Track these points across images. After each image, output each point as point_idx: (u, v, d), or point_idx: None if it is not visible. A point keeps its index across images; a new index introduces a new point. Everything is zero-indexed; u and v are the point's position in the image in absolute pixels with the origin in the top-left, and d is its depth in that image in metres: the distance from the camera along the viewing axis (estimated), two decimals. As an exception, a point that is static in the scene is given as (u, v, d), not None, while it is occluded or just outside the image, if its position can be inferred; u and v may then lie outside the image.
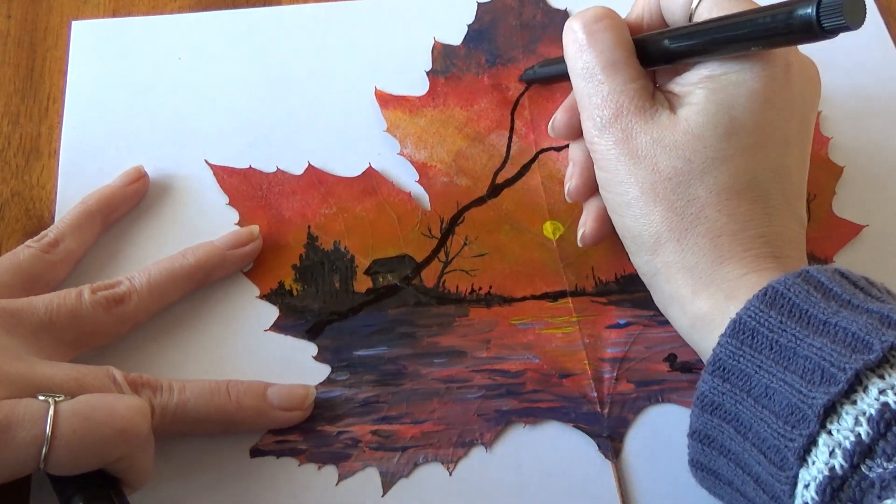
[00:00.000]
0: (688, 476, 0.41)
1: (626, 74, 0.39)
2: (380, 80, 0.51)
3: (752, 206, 0.37)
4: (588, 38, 0.39)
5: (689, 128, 0.37)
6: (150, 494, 0.39)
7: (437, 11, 0.54)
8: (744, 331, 0.33)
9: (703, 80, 0.38)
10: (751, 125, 0.37)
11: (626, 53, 0.39)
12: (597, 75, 0.39)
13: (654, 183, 0.37)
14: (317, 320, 0.45)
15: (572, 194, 0.44)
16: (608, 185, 0.39)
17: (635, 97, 0.38)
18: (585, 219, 0.44)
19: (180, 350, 0.44)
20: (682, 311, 0.38)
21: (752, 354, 0.33)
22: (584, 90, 0.40)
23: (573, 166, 0.44)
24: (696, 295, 0.37)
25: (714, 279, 0.36)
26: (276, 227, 0.47)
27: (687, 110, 0.38)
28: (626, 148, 0.38)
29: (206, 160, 0.49)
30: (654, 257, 0.38)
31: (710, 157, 0.37)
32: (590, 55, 0.39)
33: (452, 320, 0.45)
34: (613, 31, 0.39)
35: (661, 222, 0.37)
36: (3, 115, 0.51)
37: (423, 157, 0.49)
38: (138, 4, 0.55)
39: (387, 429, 0.42)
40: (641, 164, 0.38)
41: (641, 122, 0.38)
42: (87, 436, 0.34)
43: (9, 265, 0.41)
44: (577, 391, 0.43)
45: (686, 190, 0.37)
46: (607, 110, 0.39)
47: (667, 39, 0.39)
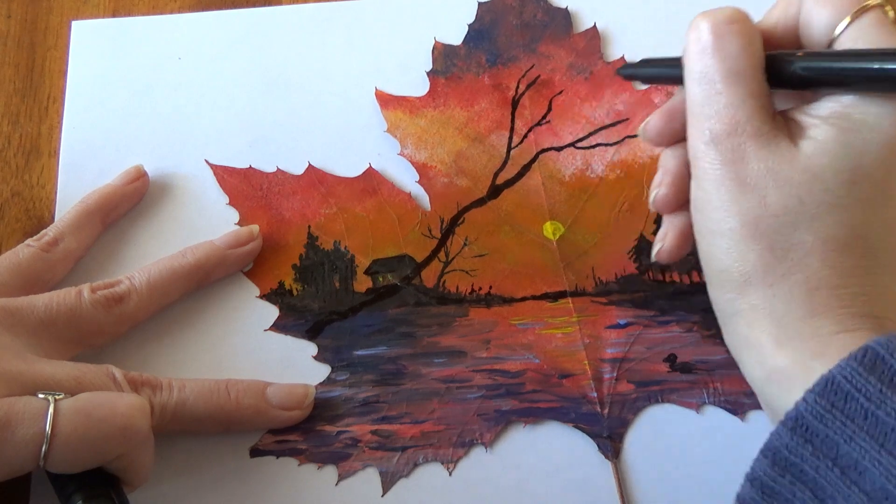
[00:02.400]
0: (687, 476, 0.41)
1: (750, 88, 0.35)
2: (380, 80, 0.51)
3: (859, 262, 0.34)
4: (715, 40, 0.35)
5: (809, 165, 0.33)
6: (150, 493, 0.39)
7: (438, 11, 0.54)
8: (836, 391, 0.30)
9: (834, 116, 0.34)
10: (877, 176, 0.34)
11: (753, 65, 0.35)
12: (716, 83, 0.35)
13: (758, 217, 0.34)
14: (317, 320, 0.45)
15: (658, 204, 0.39)
16: (704, 207, 0.36)
17: (754, 116, 0.34)
18: (666, 233, 0.40)
19: (180, 350, 0.44)
20: (758, 360, 0.34)
21: (842, 421, 0.30)
22: (698, 97, 0.36)
23: (664, 174, 0.39)
24: (778, 346, 0.33)
25: (802, 333, 0.33)
26: (276, 226, 0.47)
27: (810, 145, 0.34)
28: (735, 171, 0.34)
29: (206, 160, 0.49)
30: (739, 297, 0.35)
31: (825, 201, 0.33)
32: (712, 60, 0.35)
33: (452, 320, 0.45)
34: (744, 38, 0.35)
35: (756, 261, 0.34)
36: (3, 115, 0.51)
37: (424, 158, 0.49)
38: (138, 4, 0.55)
39: (387, 429, 0.42)
40: (748, 194, 0.34)
41: (757, 145, 0.34)
42: (87, 434, 0.34)
43: (8, 264, 0.41)
44: (577, 391, 0.43)
45: (792, 232, 0.34)
46: (721, 124, 0.35)
47: (805, 61, 0.35)
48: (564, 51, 0.52)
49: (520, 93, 0.51)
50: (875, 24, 0.34)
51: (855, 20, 0.34)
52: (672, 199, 0.39)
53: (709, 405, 0.43)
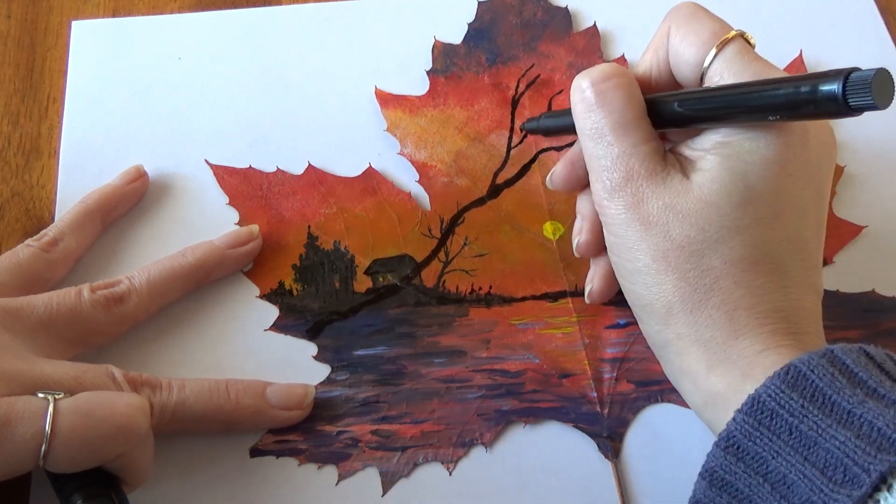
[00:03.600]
0: (687, 476, 0.41)
1: (637, 136, 0.37)
2: (380, 79, 0.51)
3: (769, 279, 0.36)
4: (597, 97, 0.37)
5: (702, 195, 0.36)
6: (150, 493, 0.39)
7: (438, 10, 0.54)
8: (762, 410, 0.32)
9: (716, 147, 0.36)
10: (767, 194, 0.36)
11: (637, 114, 0.37)
12: (606, 136, 0.37)
13: (665, 251, 0.36)
14: (317, 320, 0.45)
15: (581, 250, 0.42)
16: (618, 250, 0.38)
17: (646, 160, 0.37)
18: (593, 276, 0.43)
19: (180, 349, 0.44)
20: (694, 387, 0.36)
21: (769, 437, 0.31)
22: (593, 151, 0.38)
23: (582, 221, 0.42)
24: (710, 371, 0.35)
25: (729, 355, 0.35)
26: (276, 226, 0.47)
27: (700, 177, 0.36)
28: (637, 213, 0.36)
29: (206, 160, 0.49)
30: (666, 328, 0.37)
31: (724, 226, 0.35)
32: (599, 115, 0.37)
33: (452, 320, 0.45)
34: (624, 90, 0.37)
35: (673, 292, 0.36)
36: (3, 115, 0.51)
37: (423, 157, 0.49)
38: (138, 4, 0.55)
39: (387, 429, 0.42)
40: (653, 231, 0.36)
41: (653, 186, 0.36)
42: (87, 433, 0.34)
43: (8, 264, 0.41)
44: (577, 391, 0.43)
45: (700, 260, 0.35)
46: (617, 173, 0.37)
47: (680, 103, 0.37)
48: (564, 50, 0.52)
49: (520, 92, 0.51)
50: (738, 54, 0.37)
51: (719, 52, 0.37)
52: (593, 244, 0.42)
53: (709, 405, 0.43)
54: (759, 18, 0.54)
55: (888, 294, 0.46)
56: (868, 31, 0.54)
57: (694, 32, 0.38)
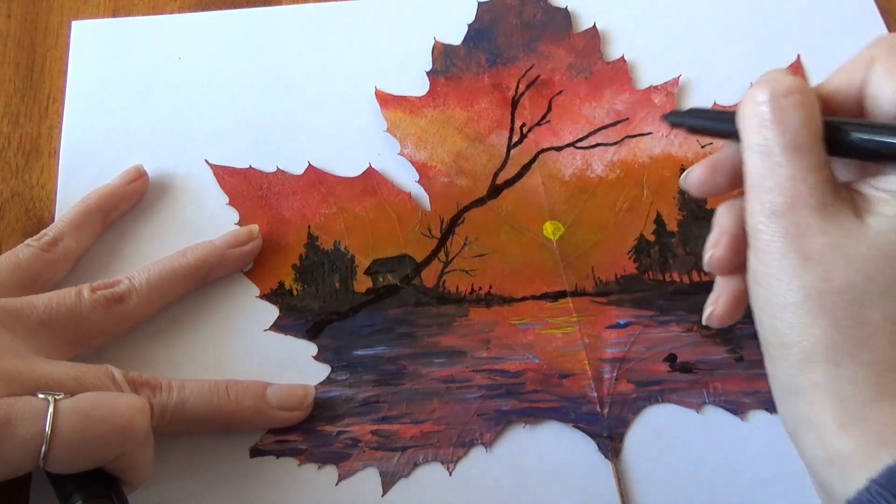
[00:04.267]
0: (687, 476, 0.41)
1: (810, 162, 0.33)
2: (380, 80, 0.51)
3: None
4: (774, 113, 0.34)
5: (876, 242, 0.32)
6: (150, 494, 0.39)
7: (437, 11, 0.54)
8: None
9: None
10: None
11: (814, 137, 0.34)
12: (776, 156, 0.34)
13: (822, 292, 0.33)
14: (317, 320, 0.45)
15: (713, 266, 0.38)
16: (764, 279, 0.34)
17: (817, 189, 0.33)
18: (718, 297, 0.39)
19: (180, 350, 0.44)
20: (818, 442, 0.33)
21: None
22: (758, 168, 0.34)
23: (720, 234, 0.38)
24: (841, 429, 0.32)
25: (868, 416, 0.32)
26: (276, 226, 0.47)
27: (877, 221, 0.33)
28: (798, 245, 0.33)
29: (206, 160, 0.49)
30: (801, 374, 0.33)
31: (894, 280, 0.32)
32: (772, 133, 0.34)
33: (452, 320, 0.45)
34: (804, 110, 0.34)
35: (820, 338, 0.33)
36: (3, 115, 0.51)
37: (423, 158, 0.49)
38: (138, 4, 0.55)
39: (387, 429, 0.42)
40: (812, 268, 0.33)
41: (821, 219, 0.33)
42: (87, 434, 0.34)
43: (8, 264, 0.41)
44: (577, 391, 0.43)
45: (858, 310, 0.32)
46: (783, 196, 0.33)
47: (870, 133, 0.33)
48: (564, 51, 0.52)
49: (520, 92, 0.51)
50: None
51: None
52: (728, 262, 0.38)
53: (709, 405, 0.43)
54: (759, 18, 0.54)
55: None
56: (868, 32, 0.54)
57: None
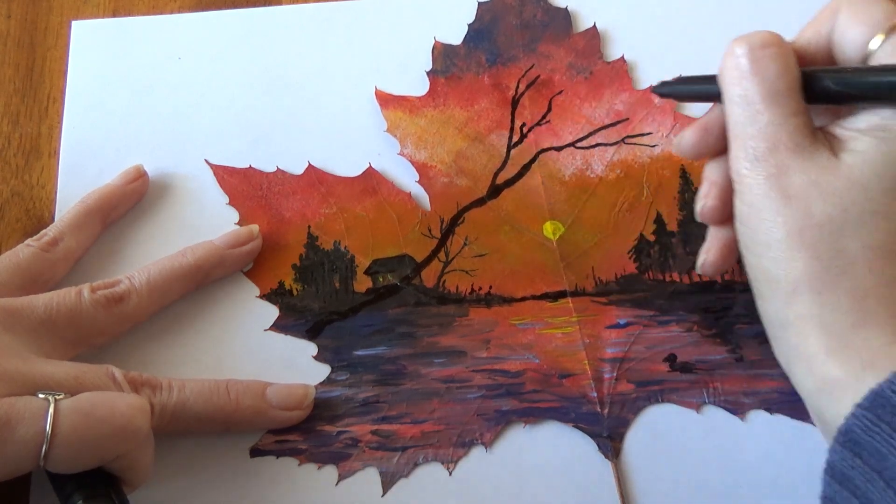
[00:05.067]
0: (687, 476, 0.41)
1: (788, 108, 0.36)
2: (380, 80, 0.51)
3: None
4: (752, 64, 0.36)
5: (851, 175, 0.34)
6: (150, 493, 0.39)
7: (437, 11, 0.54)
8: (884, 405, 0.31)
9: (874, 129, 0.35)
10: None
11: (790, 85, 0.36)
12: (756, 104, 0.36)
13: (802, 227, 0.34)
14: (317, 320, 0.45)
15: (706, 215, 0.40)
16: (749, 220, 0.36)
17: (795, 133, 0.35)
18: (710, 246, 0.41)
19: (180, 349, 0.44)
20: (808, 371, 0.35)
21: (890, 434, 0.30)
22: (739, 118, 0.36)
23: (709, 186, 0.40)
24: (828, 356, 0.34)
25: (852, 342, 0.33)
26: (276, 226, 0.47)
27: (851, 157, 0.35)
28: (778, 184, 0.35)
29: (206, 160, 0.49)
30: (787, 307, 0.35)
31: (869, 210, 0.34)
32: (751, 83, 0.36)
33: (452, 320, 0.45)
34: (780, 60, 0.36)
35: (802, 270, 0.34)
36: (3, 115, 0.51)
37: (423, 158, 0.49)
38: (138, 4, 0.55)
39: (387, 429, 0.42)
40: (792, 205, 0.35)
41: (799, 159, 0.35)
42: (87, 433, 0.34)
43: (8, 264, 0.41)
44: (577, 391, 0.43)
45: (837, 240, 0.34)
46: (763, 142, 0.36)
47: (841, 77, 0.35)
48: (564, 51, 0.52)
49: (520, 92, 0.51)
50: None
51: (888, 37, 0.35)
52: (718, 211, 0.39)
53: (709, 405, 0.43)
54: (759, 19, 0.54)
55: None
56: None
57: (865, 13, 0.36)
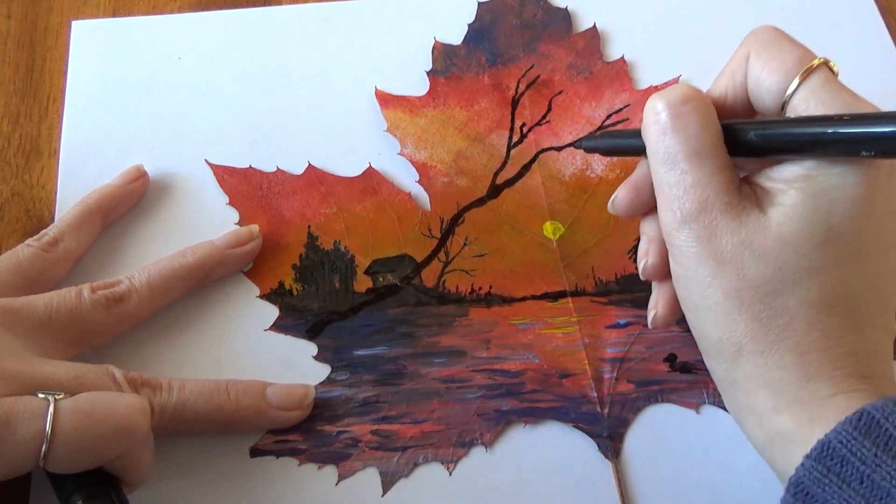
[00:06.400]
0: (687, 476, 0.41)
1: (713, 165, 0.35)
2: (380, 80, 0.51)
3: (845, 321, 0.34)
4: (673, 121, 0.35)
5: (781, 233, 0.34)
6: (150, 493, 0.39)
7: (438, 11, 0.54)
8: (832, 457, 0.31)
9: (798, 180, 0.34)
10: (849, 235, 0.34)
11: (713, 141, 0.35)
12: (680, 163, 0.35)
13: (739, 289, 0.34)
14: (317, 320, 0.45)
15: (648, 273, 0.40)
16: (686, 283, 0.36)
17: (721, 191, 0.35)
18: (657, 301, 0.40)
19: (180, 349, 0.44)
20: (759, 426, 0.35)
21: (838, 485, 0.30)
22: (665, 178, 0.36)
23: (648, 242, 0.40)
24: (777, 412, 0.34)
25: (799, 397, 0.33)
26: (276, 226, 0.47)
27: (779, 212, 0.34)
28: (710, 247, 0.35)
29: (206, 160, 0.49)
30: (734, 367, 0.35)
31: (803, 267, 0.34)
32: (673, 140, 0.35)
33: (452, 320, 0.45)
34: (701, 115, 0.35)
35: (744, 332, 0.34)
36: (3, 115, 0.51)
37: (424, 158, 0.49)
38: (138, 4, 0.55)
39: (387, 429, 0.42)
40: (726, 268, 0.34)
41: (728, 220, 0.35)
42: (87, 433, 0.34)
43: (8, 264, 0.41)
44: (577, 391, 0.43)
45: (775, 300, 0.34)
46: (689, 203, 0.35)
47: (761, 132, 0.35)
48: (564, 51, 0.52)
49: (520, 92, 0.51)
50: (824, 83, 0.34)
51: (804, 81, 0.34)
52: (660, 269, 0.39)
53: (708, 405, 0.43)
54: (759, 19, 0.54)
55: None
56: (868, 31, 0.54)
57: (776, 59, 0.36)
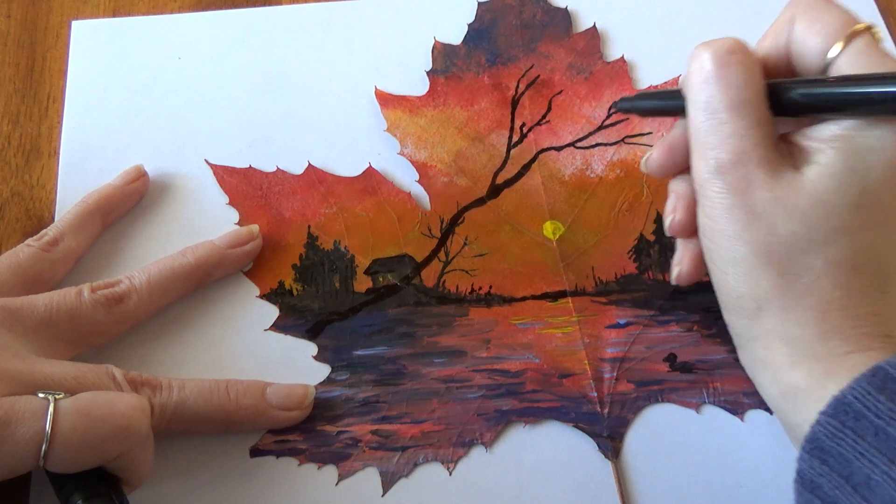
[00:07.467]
0: (687, 476, 0.41)
1: (753, 117, 0.35)
2: (380, 79, 0.51)
3: (869, 282, 0.34)
4: (717, 70, 0.35)
5: (815, 192, 0.34)
6: (150, 493, 0.39)
7: (438, 11, 0.54)
8: (847, 411, 0.31)
9: (836, 140, 0.34)
10: (883, 197, 0.34)
11: (756, 94, 0.35)
12: (720, 112, 0.35)
13: (768, 245, 0.34)
14: (317, 320, 0.45)
15: (675, 229, 0.39)
16: (713, 235, 0.36)
17: (759, 144, 0.35)
18: (682, 258, 0.40)
19: (180, 349, 0.44)
20: (773, 379, 0.35)
21: (854, 439, 0.31)
22: (703, 126, 0.36)
23: (676, 199, 0.39)
24: (793, 366, 0.34)
25: (816, 353, 0.34)
26: (276, 226, 0.47)
27: (814, 171, 0.34)
28: (742, 200, 0.35)
29: (206, 160, 0.49)
30: (754, 322, 0.35)
31: (834, 226, 0.34)
32: (716, 89, 0.35)
33: (452, 320, 0.45)
34: (746, 68, 0.35)
35: (768, 287, 0.35)
36: (3, 115, 0.51)
37: (423, 157, 0.49)
38: (138, 4, 0.55)
39: (387, 429, 0.42)
40: (757, 222, 0.34)
41: (763, 174, 0.34)
42: (87, 433, 0.34)
43: (9, 264, 0.41)
44: (577, 391, 0.43)
45: (802, 258, 0.34)
46: (726, 153, 0.35)
47: (804, 89, 0.35)
48: (564, 51, 0.52)
49: (520, 92, 0.51)
50: (866, 48, 0.34)
51: (847, 45, 0.35)
52: (688, 225, 0.39)
53: (708, 405, 0.43)
54: (759, 18, 0.54)
55: None
56: (868, 32, 0.54)
57: (821, 22, 0.35)
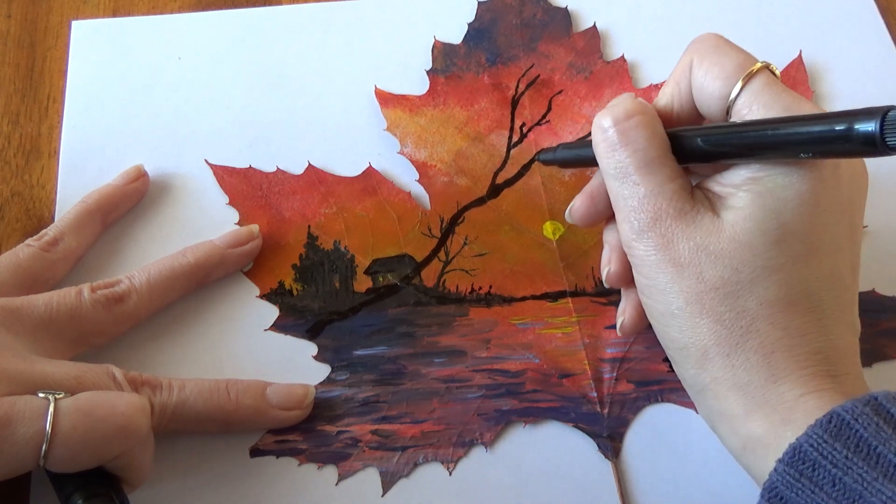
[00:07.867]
0: (687, 476, 0.41)
1: (664, 174, 0.36)
2: (380, 79, 0.51)
3: (807, 319, 0.34)
4: (620, 136, 0.36)
5: (735, 234, 0.35)
6: (150, 493, 0.39)
7: (438, 10, 0.54)
8: (804, 460, 0.31)
9: (747, 182, 0.35)
10: (801, 231, 0.34)
11: (661, 151, 0.36)
12: (631, 175, 0.36)
13: (699, 293, 0.35)
14: (317, 320, 0.45)
15: (612, 280, 0.40)
16: (649, 292, 0.37)
17: (674, 199, 0.36)
18: (625, 308, 0.41)
19: (180, 349, 0.44)
20: (732, 431, 0.35)
21: (811, 489, 0.31)
22: (619, 191, 0.37)
23: (610, 251, 0.40)
24: (748, 415, 0.34)
25: (768, 399, 0.34)
26: (276, 226, 0.47)
27: (732, 215, 0.35)
28: (668, 254, 0.35)
29: (206, 160, 0.49)
30: (702, 372, 0.36)
31: (759, 266, 0.34)
32: (623, 154, 0.36)
33: (452, 320, 0.45)
34: (647, 128, 0.36)
35: (708, 335, 0.35)
36: (3, 115, 0.51)
37: (423, 157, 0.49)
38: (138, 4, 0.55)
39: (387, 428, 0.42)
40: (685, 273, 0.35)
41: (682, 226, 0.35)
42: (87, 433, 0.34)
43: (8, 264, 0.41)
44: (577, 391, 0.43)
45: (735, 301, 0.34)
46: (644, 213, 0.36)
47: (706, 139, 0.36)
48: (564, 50, 0.52)
49: (520, 92, 0.51)
50: (766, 86, 0.35)
51: (746, 85, 0.35)
52: (623, 275, 0.40)
53: (709, 405, 0.43)
54: (759, 18, 0.54)
55: (888, 294, 0.46)
56: (868, 31, 0.54)
57: (718, 65, 0.36)
